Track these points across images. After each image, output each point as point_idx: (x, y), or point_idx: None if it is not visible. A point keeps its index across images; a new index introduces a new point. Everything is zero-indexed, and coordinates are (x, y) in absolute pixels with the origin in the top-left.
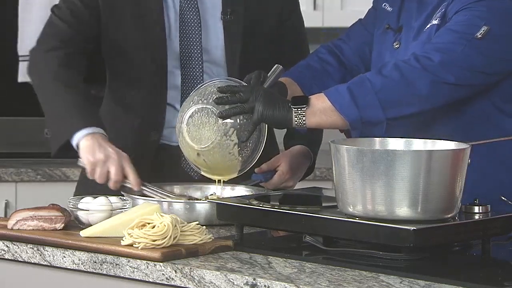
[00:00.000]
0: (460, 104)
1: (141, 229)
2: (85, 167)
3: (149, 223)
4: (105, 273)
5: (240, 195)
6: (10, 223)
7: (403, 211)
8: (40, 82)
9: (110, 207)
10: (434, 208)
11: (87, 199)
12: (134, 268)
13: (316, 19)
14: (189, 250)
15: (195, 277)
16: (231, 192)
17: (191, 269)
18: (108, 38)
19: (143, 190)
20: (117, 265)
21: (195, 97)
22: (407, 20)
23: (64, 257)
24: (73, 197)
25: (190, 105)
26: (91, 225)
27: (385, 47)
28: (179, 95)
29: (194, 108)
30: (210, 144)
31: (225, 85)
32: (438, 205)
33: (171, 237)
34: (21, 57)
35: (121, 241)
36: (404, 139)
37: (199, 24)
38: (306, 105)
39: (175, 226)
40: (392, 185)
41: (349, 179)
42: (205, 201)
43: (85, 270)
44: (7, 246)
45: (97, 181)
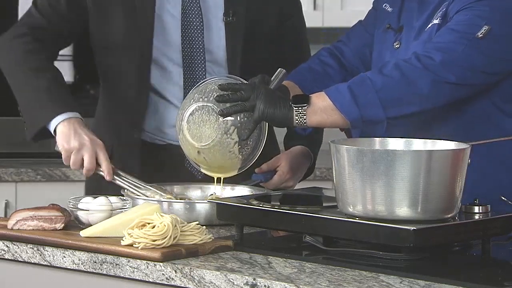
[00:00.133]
0: (460, 104)
1: (141, 229)
2: (60, 152)
3: (149, 223)
4: (105, 273)
5: (240, 195)
6: (10, 223)
7: (403, 211)
8: (7, 69)
9: (110, 207)
10: (434, 208)
11: (87, 199)
12: (134, 268)
13: (316, 19)
14: (189, 250)
15: (195, 277)
16: (231, 192)
17: (191, 269)
18: (96, 33)
19: (115, 179)
20: (117, 265)
21: (195, 94)
22: (407, 20)
23: (64, 257)
24: (73, 197)
25: (190, 102)
26: (91, 225)
27: (385, 47)
28: (181, 94)
29: (194, 105)
30: (210, 142)
31: (226, 83)
32: (438, 205)
33: (171, 237)
34: None
35: (121, 241)
36: (404, 139)
37: (201, 23)
38: (307, 104)
39: (175, 226)
40: (392, 185)
41: (349, 179)
42: (205, 201)
43: (85, 270)
44: (7, 246)
45: (71, 168)
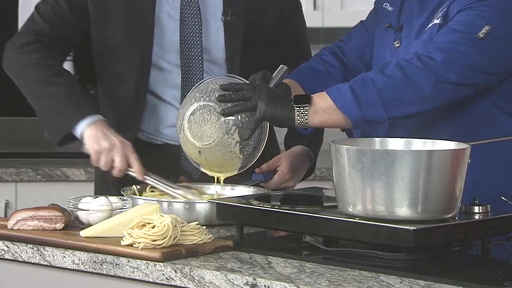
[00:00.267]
0: (461, 104)
1: (141, 229)
2: (89, 154)
3: (149, 223)
4: (105, 273)
5: (240, 195)
6: (10, 223)
7: (403, 211)
8: (19, 78)
9: (110, 207)
10: (434, 208)
11: (87, 199)
12: (134, 268)
13: (316, 19)
14: (189, 250)
15: (195, 277)
16: (231, 192)
17: (191, 269)
18: (96, 36)
19: (146, 179)
20: (117, 265)
21: (196, 93)
22: (408, 19)
23: (64, 257)
24: (73, 197)
25: (191, 102)
26: (91, 225)
27: (385, 46)
28: (179, 94)
29: (196, 105)
30: (211, 141)
31: (227, 82)
32: (438, 205)
33: (171, 237)
34: None
35: (121, 241)
36: (404, 139)
37: (199, 23)
38: (308, 104)
39: (175, 226)
40: (392, 185)
41: (349, 179)
42: (205, 201)
43: (85, 270)
44: (7, 246)
45: (102, 168)
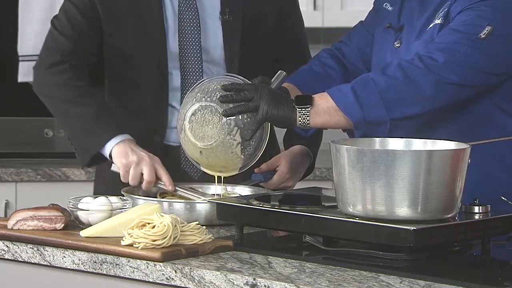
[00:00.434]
0: (462, 104)
1: (141, 229)
2: (118, 172)
3: (149, 223)
4: (105, 273)
5: (240, 195)
6: (10, 223)
7: (403, 211)
8: (50, 101)
9: (110, 207)
10: (434, 208)
11: (87, 199)
12: (134, 268)
13: (316, 19)
14: (189, 250)
15: (195, 277)
16: (231, 192)
17: (191, 269)
18: (109, 43)
19: (178, 190)
20: (117, 265)
21: (198, 93)
22: (408, 19)
23: (64, 257)
24: (73, 197)
25: (193, 102)
26: (91, 225)
27: (385, 47)
28: (179, 95)
29: (197, 105)
30: (213, 142)
31: (227, 82)
32: (438, 205)
33: (171, 237)
34: (21, 57)
35: (121, 241)
36: (404, 139)
37: (198, 24)
38: (310, 105)
39: (175, 226)
40: (392, 185)
41: (349, 179)
42: (205, 201)
43: (85, 270)
44: (7, 246)
45: (130, 183)
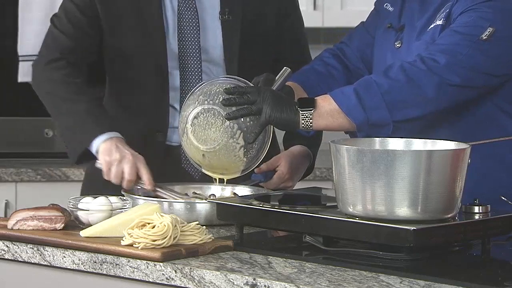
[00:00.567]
0: (463, 106)
1: (141, 229)
2: (102, 169)
3: (149, 223)
4: (105, 273)
5: (240, 195)
6: (10, 223)
7: (403, 211)
8: (46, 97)
9: (110, 207)
10: (434, 208)
11: (87, 199)
12: (134, 268)
13: (316, 19)
14: (189, 250)
15: (195, 277)
16: (231, 192)
17: (191, 269)
18: (109, 43)
19: (157, 191)
20: (117, 265)
21: (200, 96)
22: (409, 19)
23: (64, 257)
24: (73, 197)
25: (195, 104)
26: (91, 225)
27: (386, 47)
28: (178, 95)
29: (199, 108)
30: (216, 145)
31: (228, 83)
32: (438, 205)
33: (171, 237)
34: (21, 57)
35: (121, 241)
36: (404, 139)
37: (197, 24)
38: (313, 108)
39: (175, 226)
40: (392, 185)
41: (349, 179)
42: (205, 201)
43: (85, 270)
44: (7, 246)
45: (112, 181)
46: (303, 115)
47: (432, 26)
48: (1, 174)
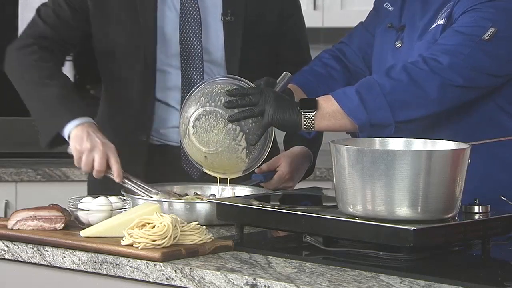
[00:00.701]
0: (465, 106)
1: (141, 229)
2: (72, 154)
3: (149, 223)
4: (105, 273)
5: (240, 195)
6: (10, 223)
7: (403, 211)
8: (16, 80)
9: (110, 207)
10: (434, 208)
11: (87, 199)
12: (134, 268)
13: (316, 19)
14: (189, 250)
15: (195, 277)
16: (231, 192)
17: (191, 269)
18: (98, 38)
19: (125, 183)
20: (117, 265)
21: (201, 98)
22: (410, 19)
23: (64, 257)
24: (73, 197)
25: (196, 106)
26: (91, 225)
27: (386, 47)
28: (179, 95)
29: (201, 110)
30: (219, 148)
31: (229, 84)
32: (438, 205)
33: (171, 237)
34: None
35: (121, 241)
36: (404, 139)
37: (199, 24)
38: (315, 109)
39: (175, 226)
40: (392, 185)
41: (349, 179)
42: (205, 201)
43: (85, 270)
44: (7, 246)
45: (82, 169)
46: (305, 117)
47: (433, 26)
48: (1, 174)
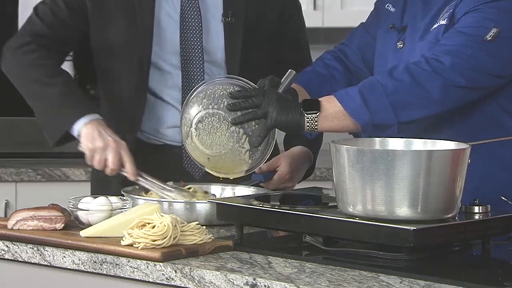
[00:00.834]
0: (467, 106)
1: (141, 229)
2: (84, 152)
3: (149, 223)
4: (105, 273)
5: (240, 195)
6: (10, 223)
7: (403, 211)
8: (16, 79)
9: (110, 207)
10: (434, 208)
11: (87, 199)
12: (134, 268)
13: (316, 19)
14: (189, 250)
15: (195, 277)
16: (231, 192)
17: (191, 269)
18: (96, 38)
19: (139, 180)
20: (117, 265)
21: (204, 99)
22: (411, 19)
23: (64, 257)
24: (73, 197)
25: (199, 108)
26: (91, 225)
27: (388, 47)
28: (179, 95)
29: (204, 112)
30: (222, 150)
31: (231, 86)
32: (438, 205)
33: (171, 237)
34: None
35: (121, 241)
36: (404, 139)
37: (200, 25)
38: (318, 111)
39: (175, 226)
40: (392, 185)
41: (349, 179)
42: (205, 201)
43: (85, 270)
44: (7, 246)
45: (95, 167)
46: (308, 118)
47: (435, 26)
48: (1, 174)
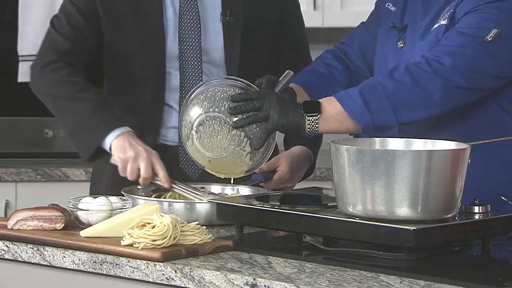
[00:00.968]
0: (468, 107)
1: (141, 229)
2: (117, 165)
3: (149, 223)
4: (105, 273)
5: (240, 195)
6: (10, 223)
7: (403, 211)
8: (46, 98)
9: (110, 207)
10: (434, 208)
11: (87, 199)
12: (134, 268)
13: (316, 19)
14: (189, 250)
15: (195, 277)
16: (231, 192)
17: (191, 269)
18: (108, 42)
19: (173, 188)
20: (117, 265)
21: (204, 102)
22: (412, 19)
23: (64, 257)
24: (73, 197)
25: (200, 111)
26: (91, 225)
27: (388, 47)
28: (177, 96)
29: (204, 115)
30: (223, 153)
31: (231, 87)
32: (438, 205)
33: (171, 237)
34: (21, 57)
35: (121, 241)
36: (404, 139)
37: (198, 24)
38: (319, 113)
39: (175, 226)
40: (392, 185)
41: (349, 179)
42: (205, 201)
43: (85, 270)
44: (7, 246)
45: (128, 177)
46: (308, 120)
47: (436, 26)
48: (1, 174)
